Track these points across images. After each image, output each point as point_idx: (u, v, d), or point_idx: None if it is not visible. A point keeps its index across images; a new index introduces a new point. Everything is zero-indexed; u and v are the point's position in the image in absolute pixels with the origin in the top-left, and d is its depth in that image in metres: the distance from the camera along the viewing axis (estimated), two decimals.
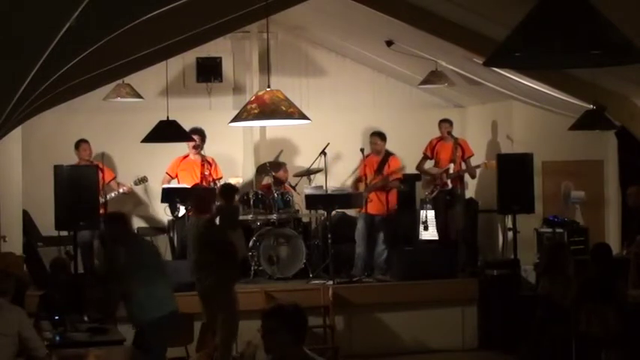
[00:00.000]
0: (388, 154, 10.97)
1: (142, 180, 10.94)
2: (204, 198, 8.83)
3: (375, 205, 10.72)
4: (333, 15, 10.49)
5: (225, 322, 8.19)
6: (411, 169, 11.63)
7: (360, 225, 10.73)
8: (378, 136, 10.98)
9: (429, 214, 11.35)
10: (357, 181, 11.18)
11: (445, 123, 11.17)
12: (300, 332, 4.12)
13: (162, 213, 11.14)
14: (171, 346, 8.43)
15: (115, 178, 11.00)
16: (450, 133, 11.11)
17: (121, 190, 10.83)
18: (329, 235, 10.30)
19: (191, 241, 8.63)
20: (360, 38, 11.35)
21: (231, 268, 8.43)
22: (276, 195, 10.76)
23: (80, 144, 10.77)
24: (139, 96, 10.91)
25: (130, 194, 11.21)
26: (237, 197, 9.59)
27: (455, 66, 10.54)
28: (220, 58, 11.96)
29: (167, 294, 7.31)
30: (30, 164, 10.85)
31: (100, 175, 10.42)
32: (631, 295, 7.88)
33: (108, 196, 10.55)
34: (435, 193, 11.07)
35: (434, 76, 10.83)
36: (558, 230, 10.91)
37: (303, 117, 6.23)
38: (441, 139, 11.19)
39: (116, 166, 11.51)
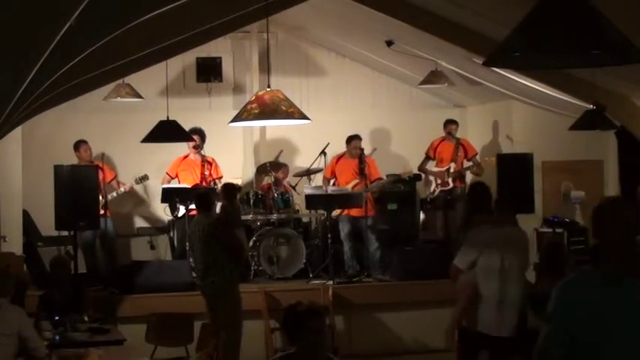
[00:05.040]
0: (362, 155, 10.72)
1: (143, 178, 10.90)
2: (207, 196, 8.81)
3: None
4: (333, 15, 10.48)
5: (231, 322, 8.18)
6: (411, 169, 11.63)
7: (346, 227, 10.62)
8: (359, 138, 10.85)
9: (429, 214, 11.35)
10: (326, 181, 11.02)
11: (450, 124, 11.18)
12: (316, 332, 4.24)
13: (162, 213, 11.14)
14: (172, 346, 8.45)
15: (115, 177, 10.95)
16: (451, 133, 11.13)
17: (122, 190, 10.80)
18: (329, 235, 10.30)
19: (196, 240, 8.57)
20: (360, 38, 11.35)
21: (239, 266, 8.48)
22: (276, 195, 10.76)
23: (80, 145, 10.66)
24: (139, 96, 10.90)
25: (131, 194, 11.20)
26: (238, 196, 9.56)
27: (455, 66, 10.54)
28: (220, 58, 11.96)
29: None
30: (30, 164, 10.83)
31: (101, 175, 10.44)
32: None
33: (109, 196, 10.55)
34: (435, 193, 11.07)
35: (434, 76, 10.83)
36: (558, 230, 10.90)
37: (303, 117, 6.23)
38: (443, 139, 11.19)
39: (116, 167, 11.50)
